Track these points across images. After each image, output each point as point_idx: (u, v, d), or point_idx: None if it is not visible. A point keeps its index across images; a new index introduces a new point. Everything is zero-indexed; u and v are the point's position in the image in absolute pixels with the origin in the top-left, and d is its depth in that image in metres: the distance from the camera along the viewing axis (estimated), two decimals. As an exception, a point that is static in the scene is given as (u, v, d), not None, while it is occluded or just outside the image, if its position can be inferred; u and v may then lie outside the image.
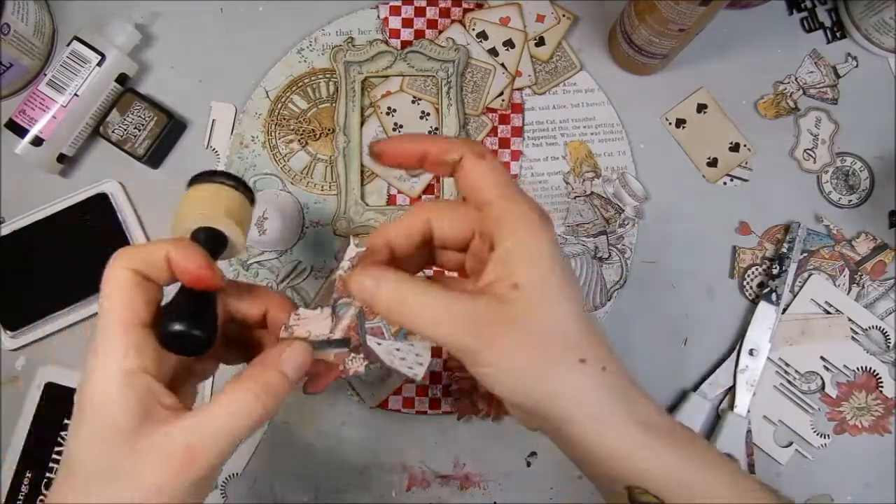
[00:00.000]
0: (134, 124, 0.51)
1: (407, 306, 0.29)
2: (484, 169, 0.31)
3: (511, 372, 0.28)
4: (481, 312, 0.28)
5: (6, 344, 0.51)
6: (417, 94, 0.53)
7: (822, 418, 0.52)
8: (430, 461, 0.52)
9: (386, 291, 0.30)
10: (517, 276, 0.29)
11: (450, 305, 0.29)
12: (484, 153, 0.31)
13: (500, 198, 0.30)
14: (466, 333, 0.28)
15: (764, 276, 0.53)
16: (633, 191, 0.53)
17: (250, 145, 0.53)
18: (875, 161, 0.54)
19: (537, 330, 0.28)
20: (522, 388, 0.29)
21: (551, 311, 0.29)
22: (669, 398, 0.52)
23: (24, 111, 0.49)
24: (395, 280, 0.30)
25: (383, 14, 0.54)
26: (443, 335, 0.29)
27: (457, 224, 0.32)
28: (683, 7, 0.42)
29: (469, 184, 0.31)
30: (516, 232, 0.29)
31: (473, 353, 0.28)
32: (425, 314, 0.29)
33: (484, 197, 0.30)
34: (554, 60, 0.54)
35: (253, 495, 0.51)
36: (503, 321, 0.28)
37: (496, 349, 0.28)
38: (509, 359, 0.28)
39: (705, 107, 0.54)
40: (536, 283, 0.29)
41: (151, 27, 0.54)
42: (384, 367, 0.34)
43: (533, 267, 0.29)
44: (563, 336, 0.29)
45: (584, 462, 0.30)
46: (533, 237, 0.29)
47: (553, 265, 0.29)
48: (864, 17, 0.53)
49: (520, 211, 0.30)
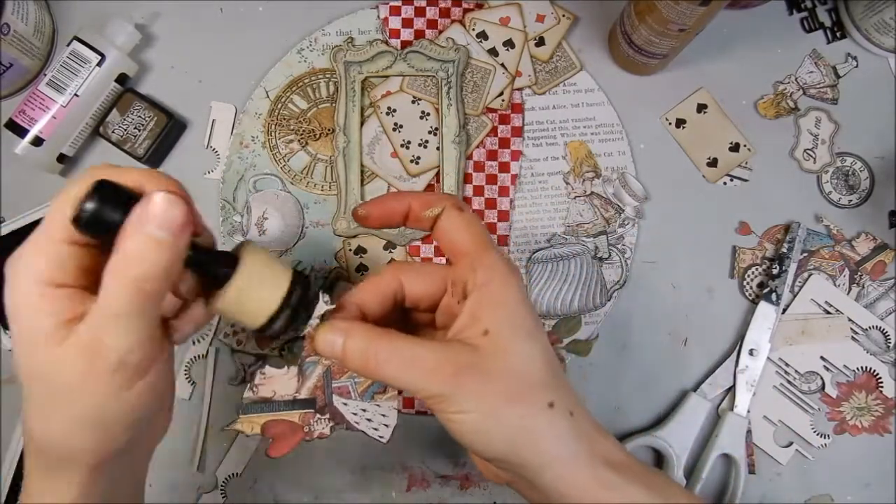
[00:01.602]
0: (134, 124, 0.51)
1: (377, 356, 0.29)
2: (462, 222, 0.32)
3: (481, 416, 0.29)
4: (452, 357, 0.29)
5: (6, 344, 0.51)
6: (417, 94, 0.53)
7: (822, 418, 0.52)
8: (430, 461, 0.52)
9: (355, 343, 0.30)
10: (487, 323, 0.30)
11: (420, 352, 0.29)
12: (462, 206, 0.33)
13: (477, 248, 0.32)
14: (437, 379, 0.29)
15: (764, 276, 0.53)
16: (633, 191, 0.53)
17: (250, 145, 0.53)
18: (875, 161, 0.54)
19: (507, 373, 0.29)
20: (493, 433, 0.29)
21: (521, 355, 0.30)
22: (669, 398, 0.52)
23: (24, 111, 0.49)
24: (363, 331, 0.30)
25: (383, 14, 0.54)
26: (413, 381, 0.29)
27: (428, 282, 0.33)
28: (683, 7, 0.42)
29: (447, 235, 0.33)
30: (488, 280, 0.31)
31: (444, 398, 0.29)
32: (395, 362, 0.29)
33: (462, 247, 0.32)
34: (554, 60, 0.54)
35: (253, 495, 0.51)
36: (473, 365, 0.29)
37: (467, 394, 0.29)
38: (480, 402, 0.29)
39: (705, 107, 0.54)
40: (506, 329, 0.30)
41: (151, 27, 0.54)
42: (350, 429, 0.34)
43: (501, 312, 0.30)
44: (532, 379, 0.30)
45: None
46: (503, 285, 0.31)
47: (522, 312, 0.31)
48: (864, 17, 0.53)
49: (491, 260, 0.31)
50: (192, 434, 0.51)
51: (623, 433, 0.52)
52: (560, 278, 0.52)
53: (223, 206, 0.53)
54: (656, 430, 0.51)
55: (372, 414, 0.34)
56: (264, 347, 0.30)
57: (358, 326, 0.31)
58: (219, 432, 0.51)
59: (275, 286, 0.30)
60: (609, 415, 0.52)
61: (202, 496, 0.51)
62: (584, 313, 0.52)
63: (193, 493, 0.51)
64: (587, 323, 0.52)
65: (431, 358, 0.29)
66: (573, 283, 0.52)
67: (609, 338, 0.53)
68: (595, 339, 0.53)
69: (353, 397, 0.34)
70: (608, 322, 0.53)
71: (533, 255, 0.53)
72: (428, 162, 0.53)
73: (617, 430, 0.52)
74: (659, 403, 0.52)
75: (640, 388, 0.52)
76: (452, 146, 0.52)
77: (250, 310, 0.30)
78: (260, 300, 0.30)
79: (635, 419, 0.52)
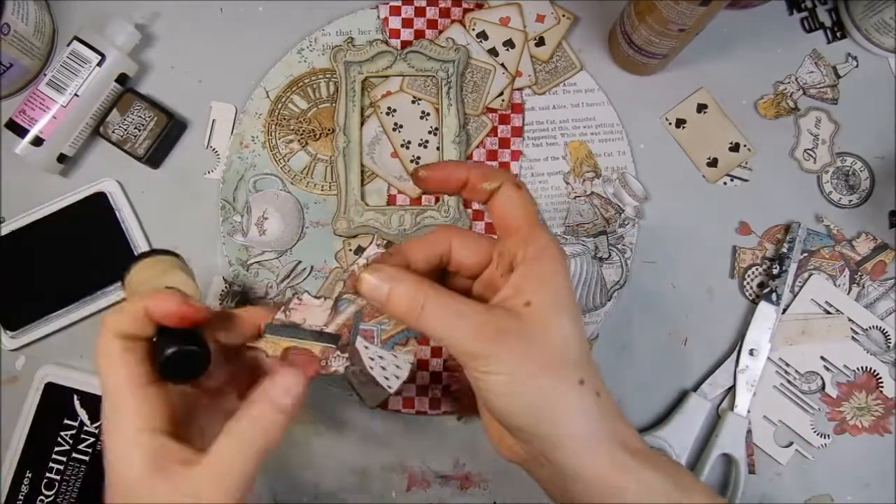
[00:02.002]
0: (134, 124, 0.51)
1: (424, 306, 0.30)
2: (520, 199, 0.33)
3: (513, 380, 0.29)
4: (495, 320, 0.30)
5: (6, 344, 0.51)
6: (417, 94, 0.53)
7: (822, 418, 0.52)
8: (430, 461, 0.52)
9: (402, 290, 0.31)
10: (531, 295, 0.30)
11: (465, 310, 0.30)
12: (521, 184, 0.34)
13: (530, 225, 0.33)
14: (476, 338, 0.30)
15: (764, 276, 0.53)
16: (633, 191, 0.53)
17: (250, 145, 0.53)
18: (875, 161, 0.54)
19: (544, 345, 0.30)
20: (521, 398, 0.30)
21: (559, 330, 0.30)
22: (669, 398, 0.52)
23: (24, 111, 0.49)
24: (411, 279, 0.31)
25: (383, 14, 0.54)
26: (455, 336, 0.30)
27: (476, 250, 0.34)
28: (683, 7, 0.42)
29: (503, 209, 0.33)
30: (539, 256, 0.31)
31: (480, 358, 0.30)
32: (440, 314, 0.30)
33: (516, 222, 0.33)
34: (554, 60, 0.54)
35: (253, 495, 0.51)
36: (513, 332, 0.30)
37: (503, 357, 0.29)
38: (514, 367, 0.29)
39: (705, 107, 0.54)
40: (548, 303, 0.31)
41: (151, 27, 0.54)
42: (363, 373, 0.35)
43: (547, 288, 0.31)
44: (567, 355, 0.30)
45: (566, 486, 0.31)
46: (552, 263, 0.31)
47: (565, 290, 0.31)
48: (864, 17, 0.53)
49: (544, 239, 0.32)
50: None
51: (623, 433, 0.52)
52: (560, 278, 0.52)
53: (223, 206, 0.53)
54: (656, 430, 0.51)
55: (387, 363, 0.36)
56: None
57: (406, 274, 0.32)
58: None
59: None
60: (609, 415, 0.52)
61: (202, 496, 0.51)
62: (584, 313, 0.52)
63: (193, 493, 0.51)
64: (587, 323, 0.52)
65: (475, 317, 0.30)
66: (573, 283, 0.52)
67: (609, 338, 0.53)
68: (595, 339, 0.53)
69: (376, 343, 0.36)
70: (608, 322, 0.53)
71: (533, 255, 0.53)
72: (428, 162, 0.53)
73: (617, 430, 0.52)
74: (659, 403, 0.52)
75: (640, 388, 0.52)
76: (452, 146, 0.52)
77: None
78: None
79: (635, 419, 0.52)
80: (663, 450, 0.51)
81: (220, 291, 0.52)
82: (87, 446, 0.49)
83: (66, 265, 0.51)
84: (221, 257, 0.52)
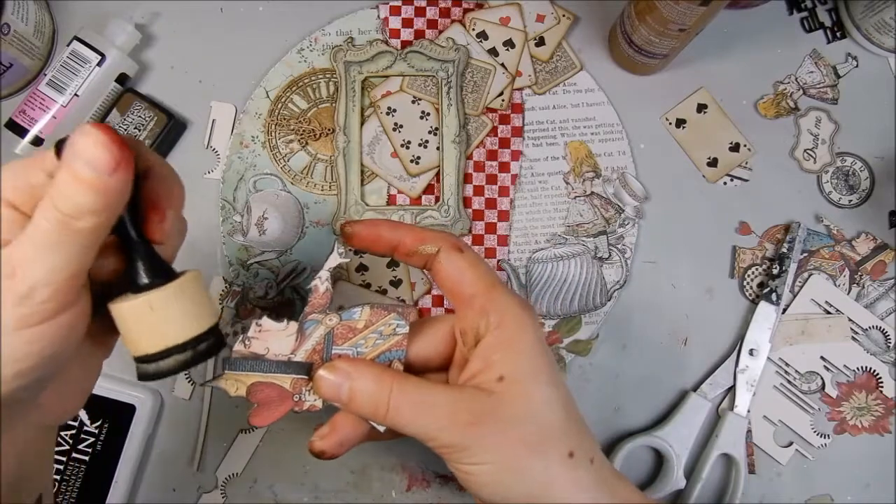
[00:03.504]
0: (134, 124, 0.51)
1: (388, 401, 0.28)
2: (464, 263, 0.30)
3: (499, 469, 0.27)
4: (467, 404, 0.28)
5: None
6: (417, 94, 0.53)
7: (822, 418, 0.52)
8: (430, 461, 0.52)
9: (363, 386, 0.28)
10: (501, 367, 0.28)
11: (434, 398, 0.28)
12: (462, 246, 0.31)
13: (483, 291, 0.30)
14: (452, 428, 0.27)
15: (764, 276, 0.53)
16: (633, 191, 0.53)
17: (250, 145, 0.53)
18: (875, 161, 0.54)
19: (526, 422, 0.28)
20: (511, 487, 0.28)
21: (539, 402, 0.28)
22: (669, 398, 0.52)
23: (24, 111, 0.49)
24: (371, 372, 0.29)
25: (383, 14, 0.54)
26: (427, 430, 0.28)
27: (435, 340, 0.31)
28: (683, 7, 0.42)
29: (450, 277, 0.30)
30: (502, 323, 0.29)
31: (459, 451, 0.27)
32: (407, 407, 0.28)
33: (466, 291, 0.30)
34: (554, 60, 0.54)
35: (253, 495, 0.51)
36: (490, 413, 0.27)
37: (484, 444, 0.27)
38: (498, 454, 0.27)
39: (705, 107, 0.54)
40: (521, 374, 0.28)
41: (151, 27, 0.54)
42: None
43: (519, 356, 0.28)
44: (552, 427, 0.28)
45: None
46: (518, 327, 0.29)
47: (538, 355, 0.29)
48: (864, 17, 0.53)
49: (504, 302, 0.29)
50: (192, 434, 0.51)
51: (623, 433, 0.52)
52: (560, 278, 0.52)
53: (223, 206, 0.53)
54: (656, 430, 0.51)
55: None
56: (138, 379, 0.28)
57: (365, 367, 0.29)
58: (219, 432, 0.51)
59: (188, 324, 0.27)
60: (609, 415, 0.52)
61: (202, 496, 0.51)
62: (584, 313, 0.52)
63: (193, 493, 0.51)
64: (587, 323, 0.52)
65: (446, 405, 0.28)
66: (573, 283, 0.52)
67: (609, 338, 0.53)
68: (595, 339, 0.53)
69: None
70: (608, 322, 0.53)
71: (533, 255, 0.53)
72: (428, 162, 0.53)
73: (617, 430, 0.52)
74: (659, 403, 0.52)
75: (640, 388, 0.52)
76: (452, 146, 0.52)
77: (146, 332, 0.27)
78: (164, 329, 0.27)
79: (635, 419, 0.52)
80: (663, 450, 0.51)
81: (220, 291, 0.52)
82: (87, 446, 0.49)
83: (66, 265, 0.51)
84: (221, 257, 0.52)
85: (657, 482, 0.51)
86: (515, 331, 0.29)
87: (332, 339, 0.30)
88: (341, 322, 0.31)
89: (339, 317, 0.31)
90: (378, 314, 0.30)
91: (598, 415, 0.52)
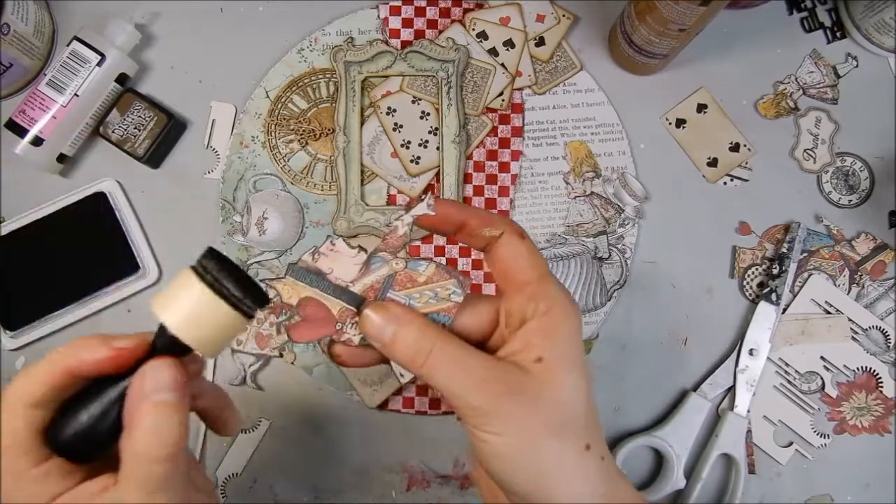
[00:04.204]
0: (134, 124, 0.51)
1: (429, 353, 0.29)
2: (524, 250, 0.31)
3: (516, 443, 0.28)
4: (500, 375, 0.28)
5: (6, 344, 0.51)
6: (417, 94, 0.53)
7: (822, 418, 0.52)
8: (430, 461, 0.52)
9: (408, 334, 0.29)
10: (542, 350, 0.29)
11: (473, 361, 0.29)
12: (524, 234, 0.32)
13: (538, 279, 0.31)
14: (481, 393, 0.28)
15: (764, 276, 0.53)
16: (633, 191, 0.53)
17: (250, 145, 0.53)
18: (875, 161, 0.54)
19: (554, 404, 0.28)
20: (523, 465, 0.28)
21: (569, 389, 0.29)
22: (669, 398, 0.52)
23: (24, 111, 0.49)
24: (418, 323, 0.29)
25: (383, 14, 0.54)
26: (460, 388, 0.28)
27: (480, 316, 0.32)
28: (683, 7, 0.42)
29: (506, 261, 0.31)
30: (550, 311, 0.30)
31: (483, 415, 0.28)
32: (446, 364, 0.28)
33: (522, 276, 0.31)
34: (554, 60, 0.54)
35: (253, 495, 0.51)
36: (520, 390, 0.28)
37: (508, 415, 0.28)
38: (519, 428, 0.28)
39: (705, 107, 0.54)
40: (559, 360, 0.29)
41: (151, 27, 0.54)
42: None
43: (559, 343, 0.29)
44: (576, 416, 0.29)
45: None
46: (564, 318, 0.30)
47: (577, 346, 0.30)
48: (864, 17, 0.53)
49: (555, 292, 0.30)
50: (192, 434, 0.51)
51: (623, 433, 0.52)
52: (560, 278, 0.52)
53: (223, 206, 0.53)
54: (656, 430, 0.51)
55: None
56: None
57: (413, 316, 0.30)
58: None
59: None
60: (609, 415, 0.52)
61: (202, 496, 0.51)
62: (584, 313, 0.52)
63: (193, 493, 0.51)
64: (587, 323, 0.52)
65: (482, 370, 0.28)
66: (573, 283, 0.52)
67: (609, 338, 0.53)
68: (595, 339, 0.53)
69: None
70: (608, 322, 0.53)
71: (533, 255, 0.53)
72: (428, 162, 0.53)
73: (617, 430, 0.52)
74: (659, 403, 0.52)
75: (640, 388, 0.52)
76: (452, 146, 0.52)
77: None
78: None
79: (635, 419, 0.52)
80: (663, 450, 0.51)
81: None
82: (87, 446, 0.49)
83: (66, 265, 0.51)
84: (221, 257, 0.52)
85: (657, 482, 0.51)
86: (562, 320, 0.30)
87: (392, 282, 0.31)
88: (406, 269, 0.31)
89: (406, 263, 0.31)
90: (440, 275, 0.31)
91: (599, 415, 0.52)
